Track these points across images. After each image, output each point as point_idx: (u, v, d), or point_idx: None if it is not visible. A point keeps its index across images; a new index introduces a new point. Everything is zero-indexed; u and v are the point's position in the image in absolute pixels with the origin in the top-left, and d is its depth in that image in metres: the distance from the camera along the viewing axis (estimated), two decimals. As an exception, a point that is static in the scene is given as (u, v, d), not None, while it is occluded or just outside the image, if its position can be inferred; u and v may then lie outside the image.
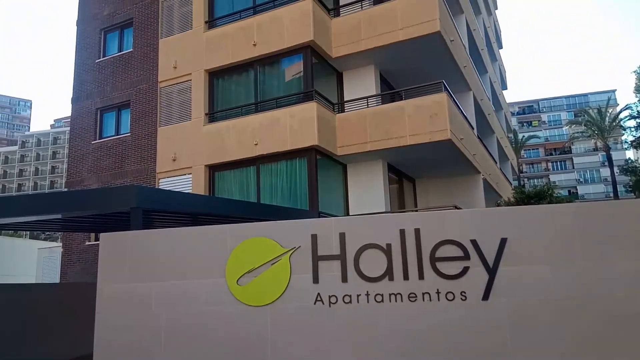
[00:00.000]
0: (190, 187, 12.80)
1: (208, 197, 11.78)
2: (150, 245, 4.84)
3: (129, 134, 14.26)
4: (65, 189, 16.16)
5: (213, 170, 12.82)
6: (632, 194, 42.38)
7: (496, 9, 31.67)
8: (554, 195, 13.13)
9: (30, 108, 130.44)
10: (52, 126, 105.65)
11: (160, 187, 13.35)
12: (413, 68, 13.76)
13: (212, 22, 13.63)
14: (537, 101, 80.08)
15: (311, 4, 12.01)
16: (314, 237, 4.49)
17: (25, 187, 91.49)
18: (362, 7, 13.00)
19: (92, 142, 14.89)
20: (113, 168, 14.26)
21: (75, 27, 16.24)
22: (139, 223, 5.38)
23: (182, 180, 13.06)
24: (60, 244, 16.47)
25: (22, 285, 9.77)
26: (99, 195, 6.29)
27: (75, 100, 15.59)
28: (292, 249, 4.50)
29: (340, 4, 13.71)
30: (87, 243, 14.28)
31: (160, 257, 4.74)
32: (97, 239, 14.02)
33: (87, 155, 14.84)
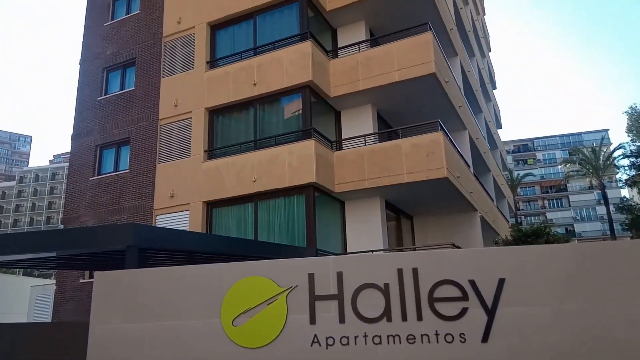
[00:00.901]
0: (188, 224, 12.75)
1: (204, 234, 11.72)
2: (145, 284, 4.79)
3: (127, 171, 14.31)
4: (61, 226, 16.06)
5: (211, 206, 12.81)
6: (629, 232, 42.30)
7: (489, 51, 32.56)
8: (551, 233, 13.11)
9: (30, 144, 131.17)
10: (51, 162, 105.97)
11: (157, 223, 13.30)
12: (409, 107, 14.02)
13: (213, 62, 13.94)
14: (531, 140, 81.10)
15: (310, 46, 12.35)
16: (311, 277, 4.45)
17: (21, 222, 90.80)
18: (359, 50, 13.37)
19: (91, 179, 14.92)
20: (110, 204, 14.24)
21: (78, 66, 16.58)
22: (134, 261, 5.34)
23: (180, 217, 13.03)
24: (54, 282, 16.21)
25: (11, 325, 9.55)
26: (94, 233, 6.27)
27: (75, 137, 15.73)
28: (288, 288, 4.45)
29: (339, 46, 14.11)
30: (81, 280, 14.07)
31: (155, 297, 4.68)
32: (91, 276, 13.84)
33: (84, 192, 14.84)
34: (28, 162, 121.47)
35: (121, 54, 15.62)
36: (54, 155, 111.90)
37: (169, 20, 14.88)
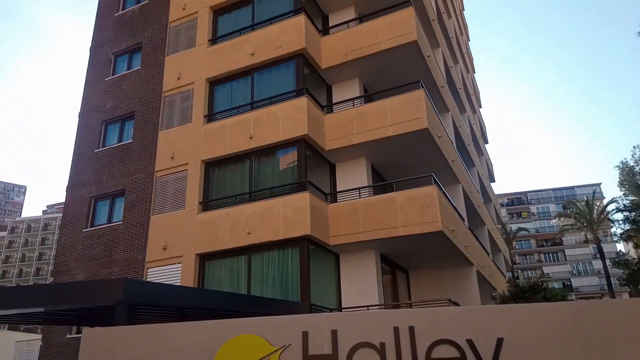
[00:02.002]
0: (179, 277, 12.52)
1: (196, 289, 11.47)
2: (135, 342, 4.64)
3: (121, 222, 14.21)
4: (51, 278, 15.71)
5: (204, 259, 12.64)
6: (627, 287, 41.82)
7: (480, 107, 33.49)
8: (548, 288, 12.95)
9: (24, 194, 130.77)
10: (44, 212, 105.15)
11: (148, 277, 13.05)
12: (403, 161, 14.22)
13: (211, 116, 14.22)
14: (525, 193, 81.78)
15: (306, 102, 12.66)
16: (305, 335, 4.34)
17: (10, 274, 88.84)
18: (353, 105, 13.72)
19: (83, 230, 14.77)
20: (102, 257, 14.02)
21: (77, 118, 16.84)
22: (124, 317, 5.20)
23: (172, 270, 12.81)
24: (40, 337, 15.65)
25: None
26: (83, 288, 6.14)
27: (70, 188, 15.72)
28: (281, 347, 4.33)
29: (334, 101, 14.48)
30: (68, 336, 13.60)
31: (145, 356, 4.52)
32: (79, 331, 13.40)
33: (76, 244, 14.64)
34: (21, 212, 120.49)
35: (120, 108, 15.93)
36: (47, 206, 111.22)
37: (169, 76, 15.30)
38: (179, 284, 12.34)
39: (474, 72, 35.00)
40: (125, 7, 17.95)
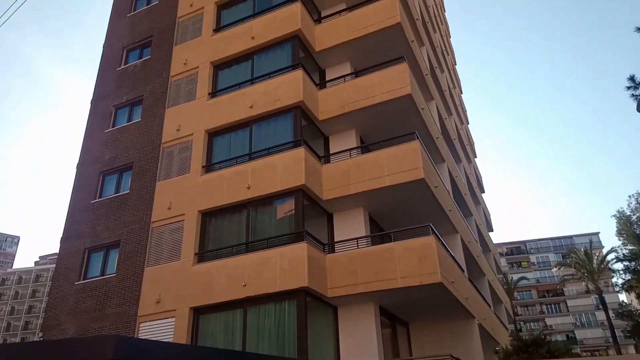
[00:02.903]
0: (172, 332, 12.15)
1: (190, 347, 11.10)
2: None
3: (114, 275, 13.95)
4: (40, 333, 15.21)
5: (198, 313, 12.31)
6: (632, 340, 40.77)
7: (475, 157, 33.95)
8: (552, 342, 12.61)
9: (17, 244, 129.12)
10: (36, 263, 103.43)
11: (140, 332, 12.66)
12: (401, 211, 14.22)
13: (209, 167, 14.33)
14: (524, 242, 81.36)
15: (303, 152, 12.82)
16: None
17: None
18: (350, 155, 13.89)
19: (76, 283, 14.46)
20: (93, 311, 13.64)
21: (75, 169, 16.92)
22: (114, 376, 4.96)
23: (164, 324, 12.44)
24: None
25: None
26: (71, 346, 5.90)
27: (64, 240, 15.55)
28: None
29: (331, 152, 14.66)
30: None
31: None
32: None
33: (68, 297, 14.29)
34: (13, 263, 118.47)
35: (119, 159, 16.04)
36: (40, 257, 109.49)
37: (169, 128, 15.54)
38: (171, 339, 11.96)
39: (468, 123, 35.75)
40: (127, 61, 18.50)
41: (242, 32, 15.87)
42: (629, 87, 8.61)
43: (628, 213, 40.09)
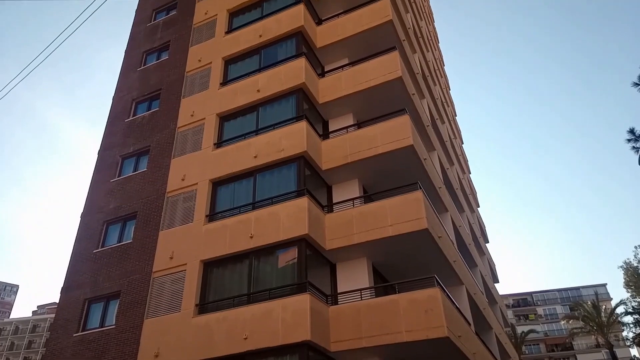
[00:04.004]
0: (171, 388, 11.75)
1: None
2: None
3: (113, 326, 13.66)
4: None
5: (197, 368, 11.94)
6: (648, 397, 39.11)
7: (478, 206, 33.92)
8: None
9: (16, 293, 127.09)
10: (34, 312, 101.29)
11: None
12: (405, 261, 14.08)
13: (212, 216, 14.36)
14: (530, 294, 79.67)
15: (306, 202, 12.88)
16: None
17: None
18: (353, 205, 13.93)
19: (74, 335, 14.13)
20: (90, 364, 13.26)
21: (79, 219, 16.96)
22: None
23: (163, 379, 12.05)
24: None
25: None
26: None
27: (64, 290, 15.35)
28: None
29: (334, 201, 14.73)
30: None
31: None
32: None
33: (65, 349, 13.93)
34: (10, 313, 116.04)
35: (123, 208, 16.12)
36: (38, 306, 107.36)
37: (174, 177, 15.72)
38: (169, 395, 11.55)
39: (470, 173, 35.99)
40: (136, 113, 18.99)
41: (248, 85, 16.37)
42: (629, 140, 8.75)
43: (635, 264, 39.53)
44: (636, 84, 8.62)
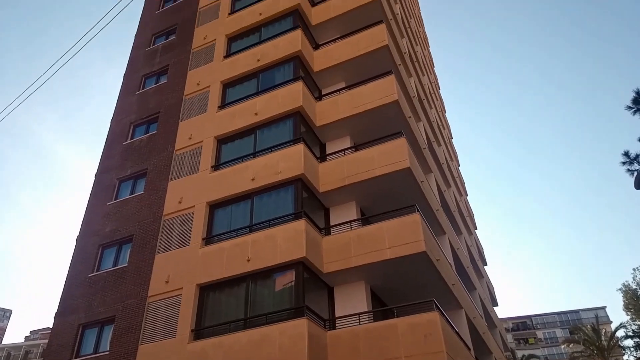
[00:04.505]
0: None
1: None
2: None
3: (107, 352, 13.39)
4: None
5: (192, 395, 11.68)
6: None
7: (475, 229, 33.87)
8: None
9: (9, 318, 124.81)
10: (27, 338, 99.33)
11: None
12: (403, 285, 13.95)
13: (209, 239, 14.26)
14: (529, 317, 78.84)
15: (304, 224, 12.82)
16: None
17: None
18: (351, 227, 13.88)
19: (66, 362, 13.87)
20: (82, 392, 12.96)
21: (75, 242, 16.82)
22: None
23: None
24: None
25: None
26: None
27: (59, 315, 15.10)
28: None
29: (331, 224, 14.68)
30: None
31: None
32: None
33: (57, 377, 13.65)
34: (2, 338, 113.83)
35: (119, 231, 16.00)
36: (30, 331, 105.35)
37: (171, 200, 15.67)
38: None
39: (467, 195, 36.05)
40: (134, 136, 19.05)
41: (245, 108, 16.50)
42: (624, 163, 8.81)
43: (634, 287, 39.31)
44: (630, 108, 8.73)
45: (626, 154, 8.85)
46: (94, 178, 18.58)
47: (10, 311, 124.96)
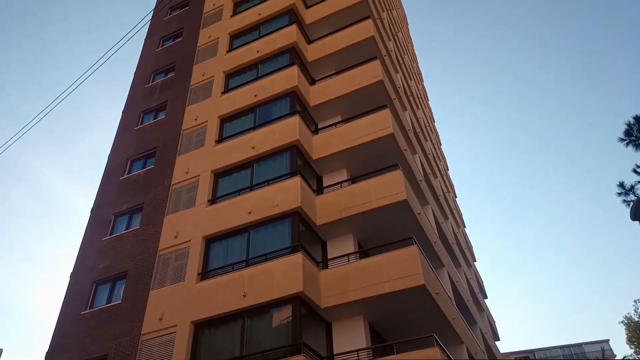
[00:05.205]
0: None
1: None
2: None
3: (97, 395, 12.98)
4: None
5: None
6: None
7: (475, 261, 33.59)
8: None
9: (0, 357, 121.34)
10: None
11: None
12: (402, 319, 13.70)
13: (205, 274, 14.07)
14: (532, 351, 77.10)
15: (301, 258, 12.69)
16: None
17: None
18: (348, 261, 13.75)
19: (56, 403, 13.41)
20: None
21: (69, 279, 16.56)
22: None
23: None
24: None
25: None
26: None
27: (50, 354, 14.66)
28: None
29: (329, 257, 14.54)
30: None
31: None
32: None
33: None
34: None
35: (114, 267, 15.78)
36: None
37: (167, 235, 15.54)
38: None
39: (465, 227, 35.92)
40: (131, 171, 19.07)
41: (243, 142, 16.62)
42: (619, 194, 8.84)
43: (636, 319, 38.72)
44: (622, 140, 8.84)
45: (621, 185, 8.90)
46: (89, 213, 18.48)
47: (1, 350, 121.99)
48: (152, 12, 25.38)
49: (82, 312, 15.15)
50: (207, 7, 23.86)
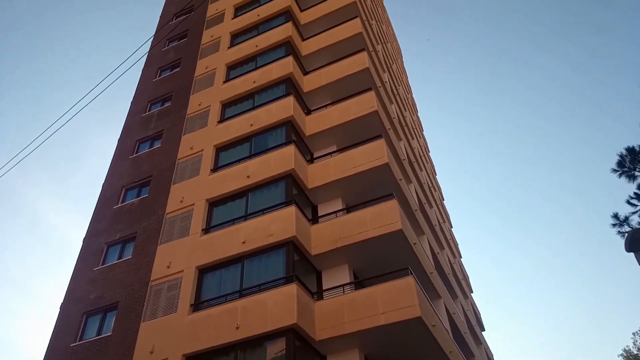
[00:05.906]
0: None
1: None
2: None
3: None
4: None
5: None
6: None
7: (472, 292, 33.25)
8: None
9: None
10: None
11: None
12: (399, 352, 13.41)
13: (197, 305, 13.81)
14: (532, 385, 75.64)
15: (295, 289, 12.50)
16: None
17: None
18: (344, 291, 13.55)
19: None
20: None
21: (59, 310, 16.21)
22: None
23: None
24: None
25: None
26: None
27: (34, 389, 14.24)
28: None
29: (323, 288, 14.34)
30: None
31: None
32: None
33: None
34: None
35: (104, 298, 15.47)
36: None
37: (159, 265, 15.32)
38: None
39: (461, 257, 35.71)
40: (125, 200, 18.95)
41: (238, 171, 16.62)
42: (614, 225, 8.84)
43: (635, 352, 38.12)
44: (615, 171, 8.91)
45: (615, 216, 8.91)
46: (82, 242, 18.25)
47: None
48: (150, 43, 25.77)
49: (72, 345, 14.76)
50: (205, 38, 24.30)
